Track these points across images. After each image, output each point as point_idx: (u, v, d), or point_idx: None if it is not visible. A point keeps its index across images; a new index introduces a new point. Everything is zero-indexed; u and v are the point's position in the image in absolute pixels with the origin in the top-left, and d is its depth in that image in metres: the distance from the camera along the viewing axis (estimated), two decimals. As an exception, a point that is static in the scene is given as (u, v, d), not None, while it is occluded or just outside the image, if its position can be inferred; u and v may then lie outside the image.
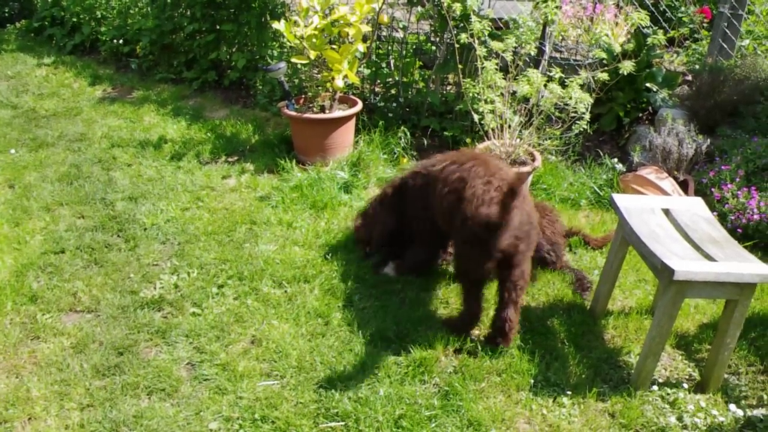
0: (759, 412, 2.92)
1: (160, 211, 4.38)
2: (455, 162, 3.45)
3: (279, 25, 4.83)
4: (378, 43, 5.90)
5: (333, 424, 2.76)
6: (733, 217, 4.23)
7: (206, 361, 3.09)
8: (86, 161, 5.12)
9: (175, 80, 7.03)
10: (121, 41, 7.52)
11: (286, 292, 3.59)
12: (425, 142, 5.52)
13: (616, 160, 5.06)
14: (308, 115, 5.01)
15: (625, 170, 4.96)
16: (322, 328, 3.32)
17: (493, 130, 4.55)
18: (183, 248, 3.97)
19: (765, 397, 3.01)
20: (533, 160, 4.55)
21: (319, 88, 5.13)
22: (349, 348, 3.16)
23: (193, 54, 6.93)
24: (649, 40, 4.91)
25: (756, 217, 4.14)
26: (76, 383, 2.95)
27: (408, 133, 5.34)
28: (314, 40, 4.85)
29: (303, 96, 5.28)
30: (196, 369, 3.06)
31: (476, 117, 4.64)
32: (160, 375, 3.00)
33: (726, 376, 3.10)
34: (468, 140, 5.19)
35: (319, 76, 5.09)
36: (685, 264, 2.75)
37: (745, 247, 3.25)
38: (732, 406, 2.92)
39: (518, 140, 4.54)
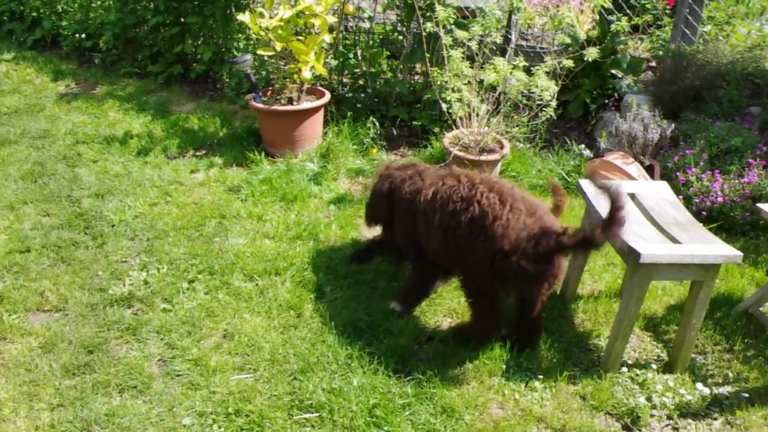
0: (725, 389, 2.99)
1: (127, 207, 4.32)
2: (452, 186, 3.10)
3: (244, 17, 4.79)
4: (344, 33, 5.88)
5: (307, 415, 2.76)
6: (697, 200, 4.31)
7: (178, 357, 3.06)
8: (50, 158, 5.02)
9: (140, 74, 6.92)
10: (83, 36, 7.37)
11: (257, 285, 3.57)
12: (394, 131, 5.52)
13: (583, 146, 5.12)
14: (276, 107, 4.97)
15: (592, 156, 5.02)
16: (295, 320, 3.31)
17: (461, 118, 4.57)
18: (152, 244, 3.93)
19: (731, 375, 3.08)
20: (501, 147, 4.58)
21: (287, 79, 5.10)
22: (322, 339, 3.16)
23: (158, 47, 6.83)
24: (613, 26, 4.97)
25: (720, 199, 4.22)
26: (46, 383, 2.90)
27: (377, 124, 5.34)
28: (280, 31, 4.81)
29: (270, 88, 5.24)
30: (168, 365, 3.03)
31: (444, 106, 4.66)
32: (132, 372, 2.97)
33: (693, 355, 3.17)
34: (436, 129, 5.20)
35: (286, 67, 5.05)
36: (651, 247, 2.79)
37: (710, 229, 3.32)
38: (699, 385, 2.98)
39: (486, 128, 4.57)
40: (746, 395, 2.94)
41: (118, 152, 5.15)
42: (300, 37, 4.96)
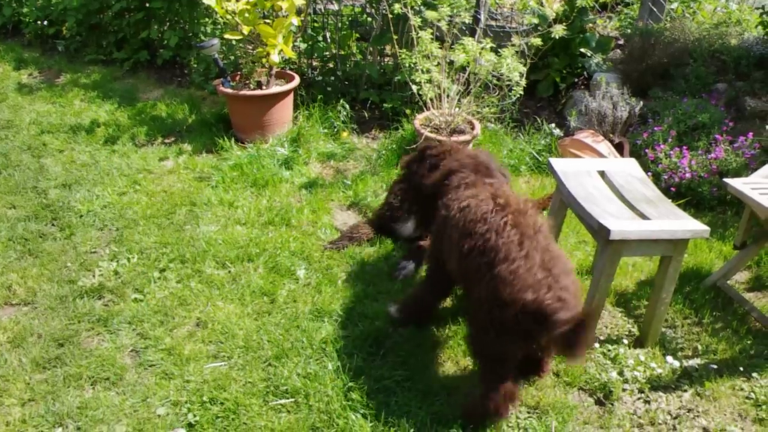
0: (694, 362, 3.05)
1: (95, 197, 4.25)
2: (479, 205, 2.74)
3: (210, 1, 4.70)
4: (313, 16, 5.81)
5: (283, 401, 2.75)
6: (666, 177, 4.36)
7: (151, 347, 3.03)
8: (14, 149, 4.91)
9: (106, 61, 6.79)
10: (45, 22, 7.20)
11: (229, 272, 3.54)
12: (365, 114, 5.50)
13: (553, 125, 5.14)
14: (245, 92, 4.91)
15: (562, 135, 5.05)
16: (268, 306, 3.30)
17: (431, 100, 4.55)
18: (122, 234, 3.87)
19: (700, 347, 3.13)
20: (472, 128, 4.58)
21: (255, 64, 5.03)
22: (296, 325, 3.15)
23: (123, 33, 6.70)
24: (579, 1, 4.96)
25: (688, 175, 4.27)
26: (16, 378, 2.85)
27: (347, 107, 5.30)
28: (246, 14, 4.74)
29: (239, 73, 5.18)
30: (141, 355, 3.00)
31: (414, 87, 4.63)
32: (104, 364, 2.93)
33: (663, 329, 3.22)
34: (408, 111, 5.18)
35: (254, 51, 4.99)
36: (621, 223, 2.82)
37: (678, 205, 3.36)
38: (669, 358, 3.03)
39: (457, 109, 4.56)
40: (715, 367, 3.00)
41: (85, 141, 5.06)
42: (267, 21, 4.89)
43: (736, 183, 3.27)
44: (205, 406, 2.72)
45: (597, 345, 3.09)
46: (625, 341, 3.13)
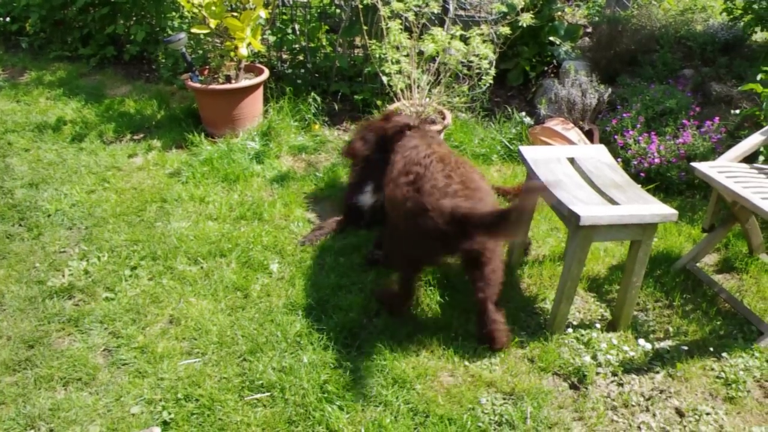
0: (666, 344, 3.09)
1: (63, 195, 4.18)
2: (409, 153, 3.28)
3: (175, -6, 4.64)
4: (281, 8, 5.75)
5: (258, 395, 2.74)
6: (635, 162, 4.40)
7: (123, 346, 3.00)
8: (-22, 149, 4.82)
9: (71, 58, 6.67)
10: (8, 19, 7.05)
11: (202, 268, 3.51)
12: (336, 106, 5.47)
13: (524, 113, 5.16)
14: (214, 86, 4.86)
15: (533, 123, 5.08)
16: (242, 301, 3.28)
17: (402, 90, 4.55)
18: (91, 232, 3.82)
19: (671, 329, 3.18)
20: (443, 118, 4.58)
21: (223, 57, 4.98)
22: (270, 319, 3.14)
23: (88, 29, 6.58)
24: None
25: (656, 160, 4.32)
26: (-16, 381, 2.81)
27: (318, 99, 5.28)
28: (213, 8, 4.68)
29: (207, 67, 5.12)
30: (114, 354, 2.96)
31: (384, 79, 4.62)
32: (76, 364, 2.89)
33: (635, 313, 3.26)
34: (379, 102, 5.17)
35: (222, 45, 4.94)
36: (590, 209, 2.84)
37: (648, 190, 3.41)
38: (641, 341, 3.07)
39: (427, 99, 4.56)
40: (686, 348, 3.05)
41: (51, 139, 4.97)
42: (235, 14, 4.84)
43: (702, 167, 3.32)
44: (180, 404, 2.69)
45: (570, 330, 3.12)
46: (598, 326, 3.16)
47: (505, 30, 4.46)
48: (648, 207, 2.91)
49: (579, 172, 3.29)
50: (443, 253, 3.09)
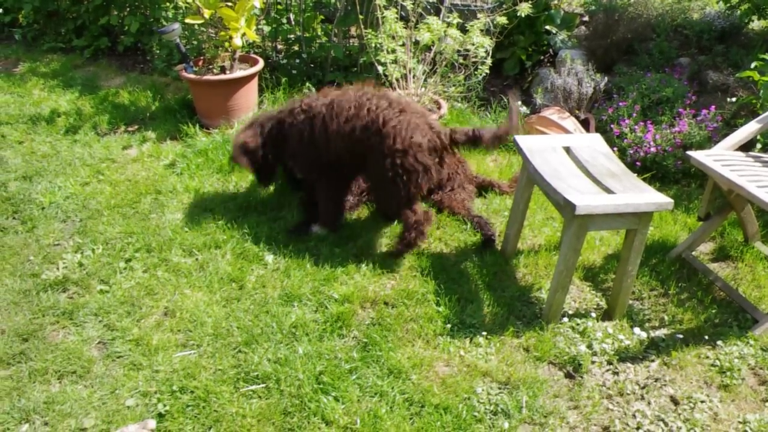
0: (661, 332, 3.09)
1: (57, 188, 4.16)
2: (344, 97, 3.49)
3: (169, -16, 4.61)
4: (276, -2, 5.73)
5: (254, 387, 2.73)
6: (631, 151, 4.39)
7: (118, 338, 2.99)
8: (-28, 141, 4.79)
9: (65, 49, 6.63)
10: (0, 10, 7.00)
11: (197, 260, 3.50)
12: (332, 97, 5.45)
13: (520, 103, 5.14)
14: (208, 77, 4.84)
15: (529, 112, 5.06)
16: (237, 292, 3.27)
17: (397, 80, 4.53)
18: (85, 225, 3.80)
19: (666, 318, 3.18)
20: (439, 108, 4.57)
21: (218, 48, 4.95)
22: (266, 310, 3.13)
23: (82, 20, 6.55)
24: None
25: (652, 149, 4.31)
26: (-21, 375, 2.80)
27: (313, 89, 5.25)
28: (207, -3, 4.65)
29: (202, 57, 5.09)
30: (108, 347, 2.96)
31: (380, 68, 4.60)
32: (70, 357, 2.88)
33: (630, 302, 3.26)
34: (374, 93, 5.14)
35: (216, 36, 4.91)
36: (586, 198, 2.83)
37: (644, 179, 3.40)
38: (637, 330, 3.07)
39: (423, 89, 4.54)
40: (681, 336, 3.05)
41: (45, 131, 4.95)
42: (229, 3, 4.81)
43: (699, 156, 3.31)
44: (175, 396, 2.69)
45: (566, 319, 3.12)
46: (593, 314, 3.16)
47: (502, 20, 4.44)
48: (644, 196, 2.90)
49: (575, 162, 3.27)
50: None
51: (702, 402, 2.71)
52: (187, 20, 4.83)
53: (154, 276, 3.38)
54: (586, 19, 6.10)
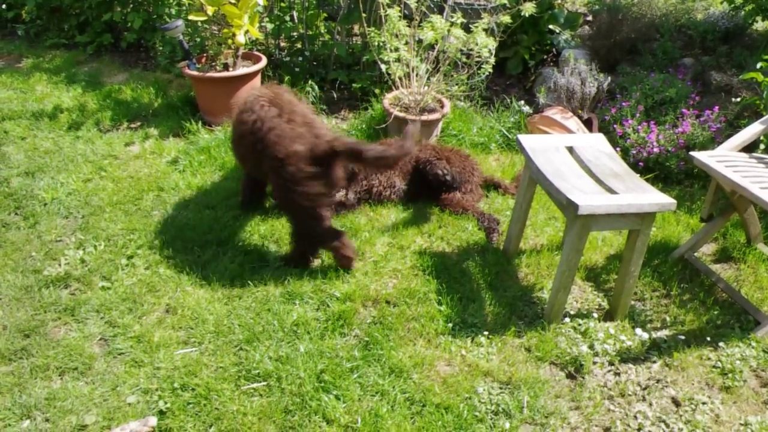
0: (663, 333, 3.09)
1: (60, 184, 4.16)
2: (246, 99, 3.48)
3: (172, -19, 4.60)
4: (279, -5, 5.72)
5: (255, 385, 2.73)
6: (634, 152, 4.38)
7: (120, 335, 2.99)
8: (-25, 137, 4.79)
9: (68, 45, 6.63)
10: (4, 6, 7.00)
11: (199, 257, 3.50)
12: (334, 95, 5.45)
13: (522, 102, 5.14)
14: (211, 74, 4.83)
15: (532, 112, 5.05)
16: (239, 290, 3.27)
17: (400, 78, 4.52)
18: (87, 221, 3.80)
19: (668, 319, 3.18)
20: (442, 107, 4.56)
21: (221, 45, 4.95)
22: (267, 308, 3.13)
23: (85, 16, 6.54)
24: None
25: (656, 150, 4.30)
26: (-20, 370, 2.80)
27: (316, 87, 5.25)
28: (211, -6, 4.65)
29: (205, 54, 5.09)
30: (110, 344, 2.96)
31: (383, 66, 4.60)
32: (72, 354, 2.89)
33: (632, 302, 3.26)
34: (377, 91, 5.14)
35: (220, 32, 4.90)
36: (589, 198, 2.83)
37: (647, 179, 3.39)
38: (638, 330, 3.07)
39: (426, 88, 4.54)
40: (683, 337, 3.05)
41: (48, 128, 4.94)
42: (232, 0, 4.80)
43: (702, 156, 3.30)
44: (177, 393, 2.69)
45: (567, 319, 3.11)
46: (595, 315, 3.16)
47: (506, 19, 4.43)
48: (646, 196, 2.89)
49: (577, 161, 3.27)
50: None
51: (703, 403, 2.71)
52: (191, 17, 4.82)
53: (155, 273, 3.37)
54: (589, 18, 6.09)
